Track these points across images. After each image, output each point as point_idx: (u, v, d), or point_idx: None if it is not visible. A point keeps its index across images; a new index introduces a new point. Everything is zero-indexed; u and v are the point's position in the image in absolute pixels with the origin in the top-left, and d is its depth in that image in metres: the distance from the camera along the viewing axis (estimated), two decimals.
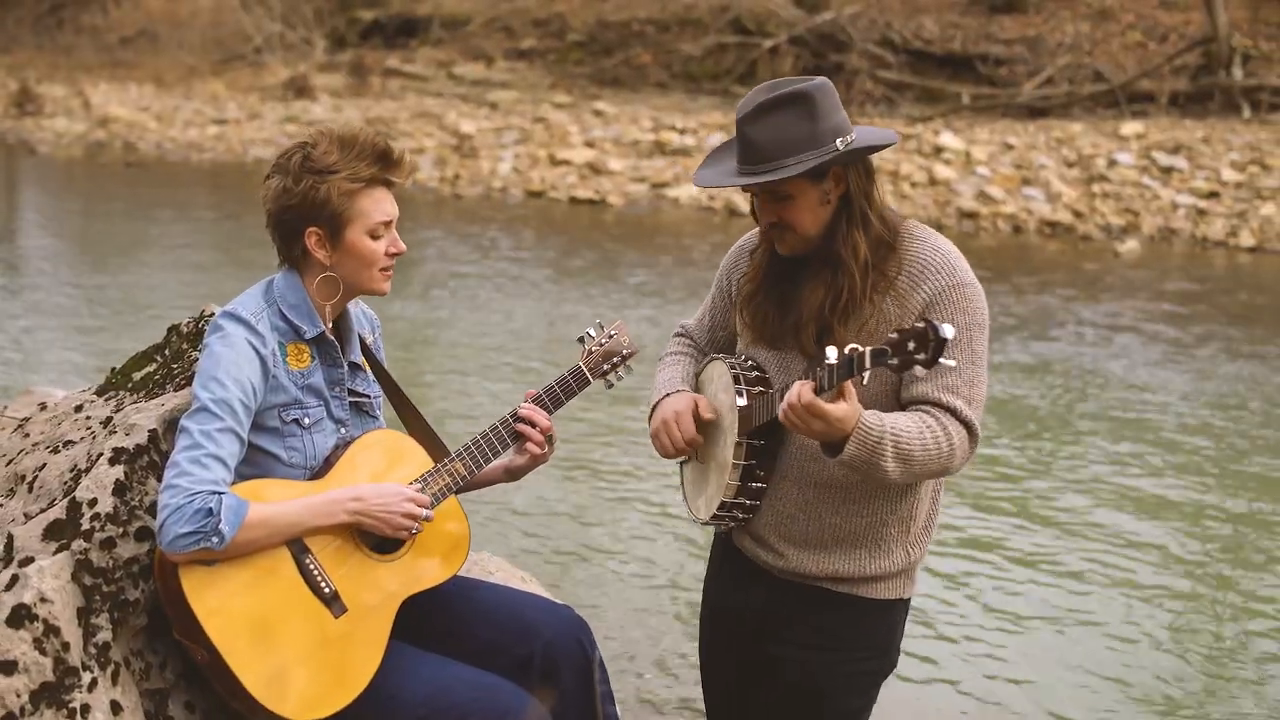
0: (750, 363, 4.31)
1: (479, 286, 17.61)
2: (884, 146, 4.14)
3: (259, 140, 29.57)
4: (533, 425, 4.45)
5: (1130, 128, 26.09)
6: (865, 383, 3.72)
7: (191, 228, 22.10)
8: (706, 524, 4.40)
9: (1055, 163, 24.49)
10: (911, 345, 3.55)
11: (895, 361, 3.57)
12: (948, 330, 3.47)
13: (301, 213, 4.06)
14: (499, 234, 21.21)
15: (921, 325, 3.53)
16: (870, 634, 4.37)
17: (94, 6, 43.31)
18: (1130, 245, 21.41)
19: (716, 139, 26.21)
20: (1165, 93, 28.38)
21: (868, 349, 3.61)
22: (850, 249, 4.06)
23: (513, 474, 4.56)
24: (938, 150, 24.59)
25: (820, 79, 4.10)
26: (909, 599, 4.43)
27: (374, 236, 4.12)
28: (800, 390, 3.73)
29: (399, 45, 37.02)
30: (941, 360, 3.51)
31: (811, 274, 4.14)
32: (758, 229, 4.45)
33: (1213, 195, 23.31)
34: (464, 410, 11.29)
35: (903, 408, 4.04)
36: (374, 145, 4.11)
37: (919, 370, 3.60)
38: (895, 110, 29.31)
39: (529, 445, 4.46)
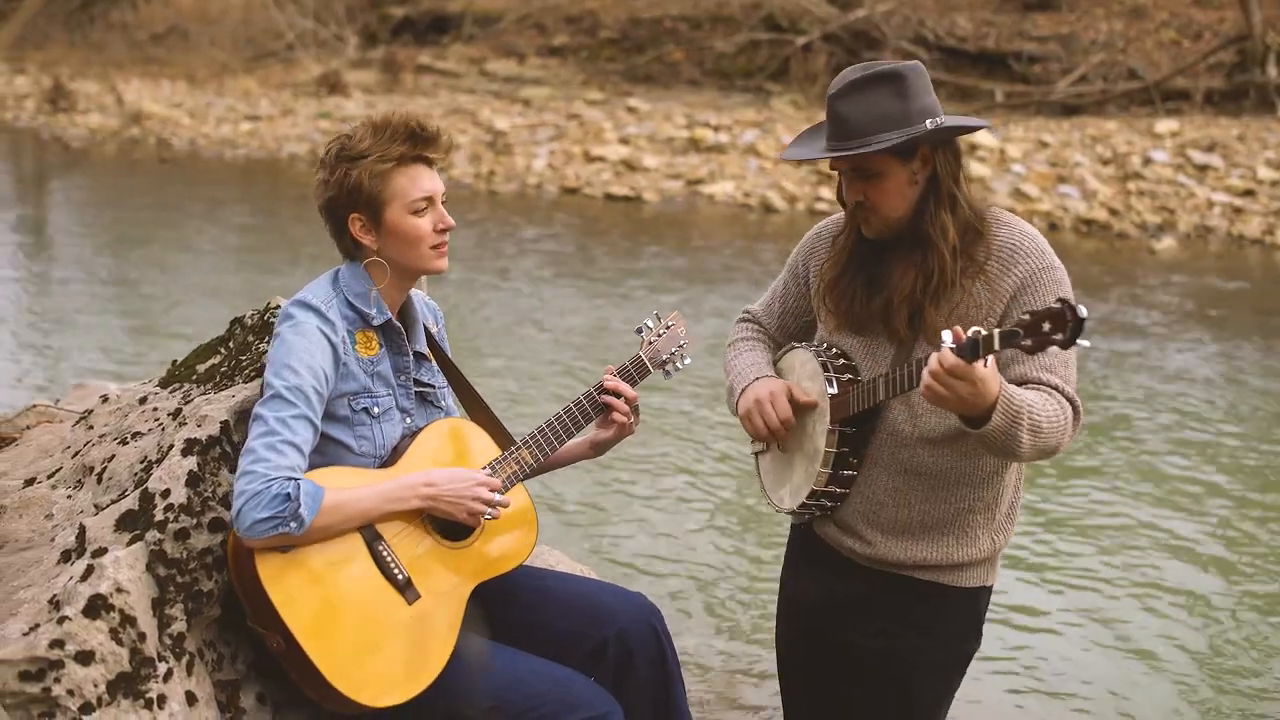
0: (834, 350, 4.31)
1: (514, 282, 17.62)
2: (975, 129, 4.17)
3: (293, 137, 29.61)
4: (618, 396, 4.49)
5: (1165, 125, 25.99)
6: (986, 366, 3.68)
7: (226, 224, 22.15)
8: (793, 513, 4.39)
9: (1090, 160, 24.40)
10: (1047, 326, 3.51)
11: (1029, 343, 3.53)
12: (1084, 310, 3.45)
13: (341, 201, 4.11)
14: (535, 229, 21.22)
15: (1058, 306, 3.49)
16: (954, 622, 4.37)
17: (124, 3, 43.39)
18: (1166, 243, 21.33)
19: (751, 136, 26.21)
20: (1200, 90, 28.26)
21: (995, 330, 3.58)
22: (939, 230, 4.05)
23: (598, 448, 4.60)
24: (972, 147, 24.48)
25: (914, 62, 4.12)
26: (992, 586, 4.43)
27: (415, 213, 4.13)
28: (942, 355, 3.68)
29: (430, 42, 37.04)
30: (1080, 341, 3.50)
31: (899, 257, 4.13)
32: (836, 216, 4.47)
33: (1248, 193, 23.20)
34: (501, 405, 11.30)
35: None
36: (405, 125, 4.14)
37: (1052, 351, 3.56)
38: None
39: (615, 416, 4.50)
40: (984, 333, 3.59)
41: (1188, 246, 21.49)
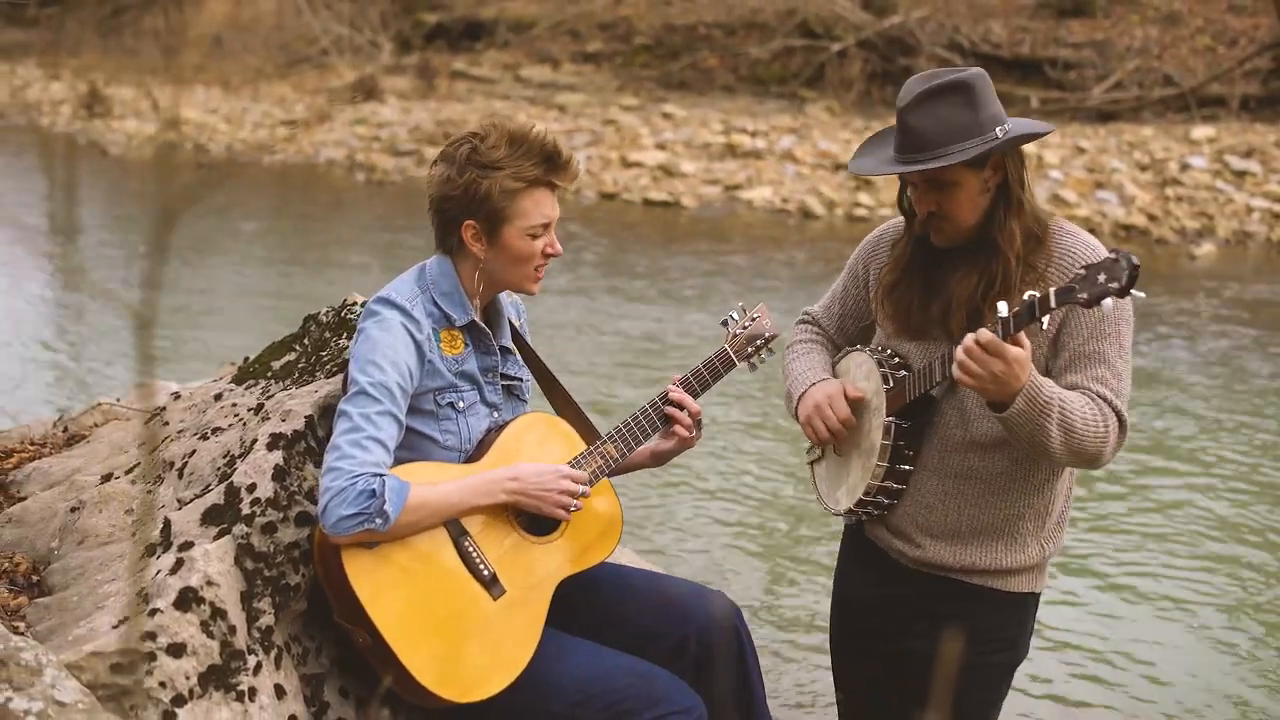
0: (889, 351, 4.33)
1: (556, 287, 17.62)
2: (1044, 134, 4.16)
3: (330, 142, 29.60)
4: (681, 408, 4.47)
5: (1201, 131, 25.86)
6: (1045, 328, 3.77)
7: (264, 229, 22.19)
8: (850, 512, 4.38)
9: (1128, 166, 24.30)
10: (1102, 277, 3.55)
11: (1085, 295, 3.58)
12: (1137, 259, 3.50)
13: (461, 204, 4.08)
14: (574, 235, 21.20)
15: (1113, 255, 3.55)
16: (1002, 627, 4.39)
17: (155, 9, 43.46)
18: (1206, 249, 21.25)
19: (787, 142, 26.16)
20: (1236, 97, 28.14)
21: (1051, 289, 3.63)
22: (1007, 237, 4.07)
23: (659, 458, 4.57)
24: None
25: (977, 69, 4.14)
26: (1039, 593, 4.45)
27: (532, 237, 4.13)
28: (977, 332, 3.74)
29: (464, 48, 37.01)
30: (1134, 292, 3.53)
31: (962, 261, 4.15)
32: (896, 220, 4.47)
33: None
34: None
35: None
36: (542, 145, 4.11)
37: (1107, 304, 3.58)
38: None
39: (677, 429, 4.47)
40: (1039, 294, 3.64)
41: (1227, 252, 21.42)
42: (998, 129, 4.01)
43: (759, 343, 4.72)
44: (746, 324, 4.73)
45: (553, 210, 4.17)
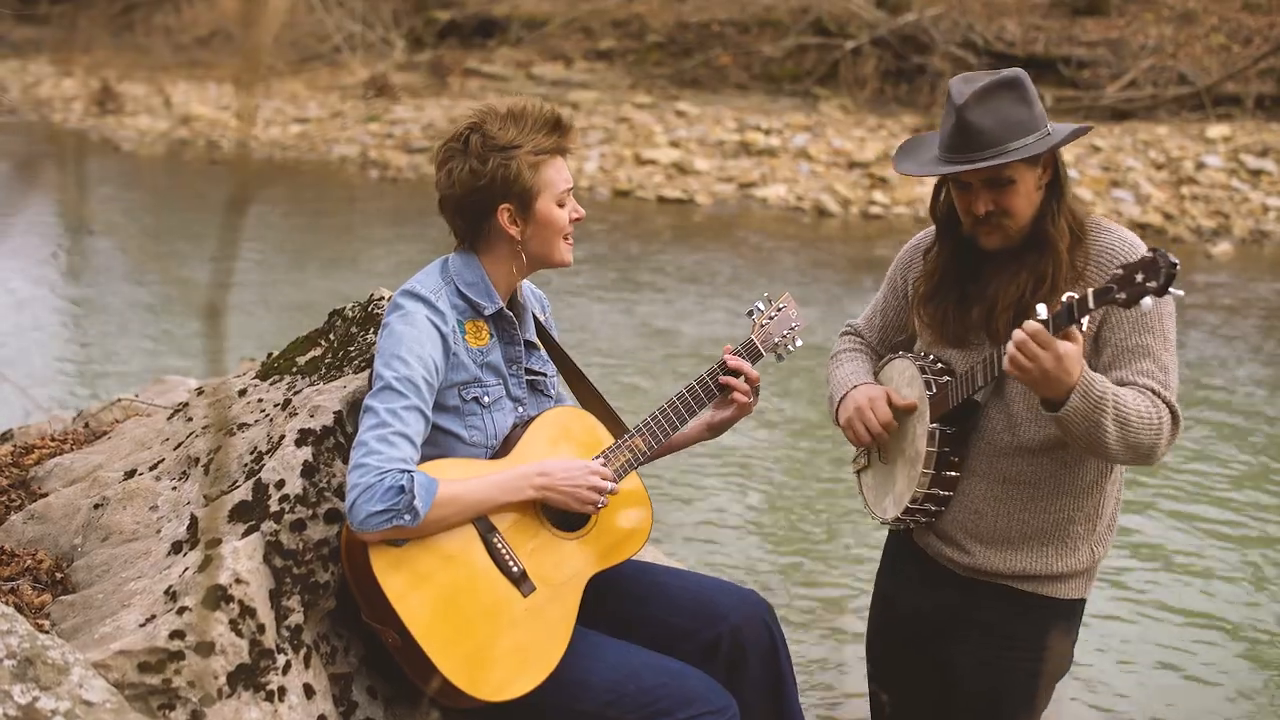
0: (932, 357, 4.29)
1: (573, 285, 17.60)
2: (1088, 129, 4.16)
3: (342, 139, 29.60)
4: (738, 375, 4.44)
5: (1216, 130, 25.80)
6: (1085, 329, 3.72)
7: (278, 224, 22.15)
8: (898, 520, 4.34)
9: (1143, 165, 24.25)
10: (1140, 276, 3.51)
11: (1124, 295, 3.54)
12: (1175, 258, 3.48)
13: (492, 191, 4.06)
14: (588, 232, 21.18)
15: (1150, 255, 3.50)
16: (1049, 633, 4.33)
17: (166, 7, 43.45)
18: (1222, 247, 21.21)
19: (801, 140, 26.11)
20: (1251, 95, 28.06)
21: (1089, 289, 3.59)
22: (1060, 232, 4.06)
23: (715, 429, 4.56)
24: None
25: (1015, 68, 4.10)
26: (1086, 600, 4.40)
27: (559, 205, 4.13)
28: (1025, 324, 3.70)
29: (476, 45, 36.98)
30: (1172, 290, 3.49)
31: (1005, 263, 4.11)
32: (930, 229, 4.44)
33: None
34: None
35: None
36: (544, 115, 4.13)
37: (1146, 303, 3.53)
38: None
39: (736, 395, 4.45)
40: (1077, 296, 3.60)
41: (1243, 251, 21.37)
42: (1047, 125, 4.01)
43: (786, 333, 4.69)
44: (773, 314, 4.70)
45: (569, 176, 4.20)
